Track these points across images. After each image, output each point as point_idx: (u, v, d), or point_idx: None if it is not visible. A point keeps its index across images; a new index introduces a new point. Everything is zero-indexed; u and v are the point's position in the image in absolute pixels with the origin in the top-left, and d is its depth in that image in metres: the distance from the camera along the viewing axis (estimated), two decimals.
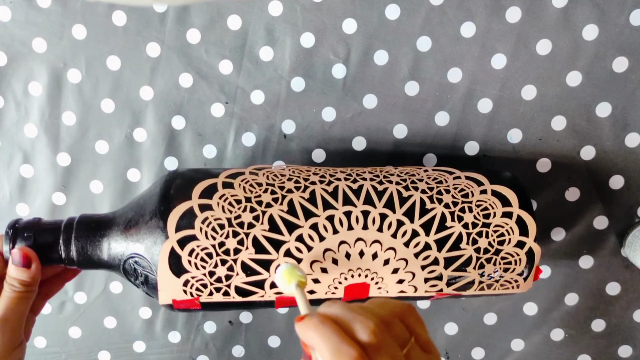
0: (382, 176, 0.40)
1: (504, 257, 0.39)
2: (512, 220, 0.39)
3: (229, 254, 0.36)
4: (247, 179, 0.38)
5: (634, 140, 0.46)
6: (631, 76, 0.44)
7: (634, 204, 0.47)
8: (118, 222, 0.38)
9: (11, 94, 0.47)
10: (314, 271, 0.37)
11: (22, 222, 0.38)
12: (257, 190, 0.38)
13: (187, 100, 0.47)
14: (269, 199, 0.37)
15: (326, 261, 0.37)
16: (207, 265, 0.36)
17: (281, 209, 0.37)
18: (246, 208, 0.37)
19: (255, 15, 0.45)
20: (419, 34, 0.44)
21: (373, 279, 0.38)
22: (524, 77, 0.45)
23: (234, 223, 0.36)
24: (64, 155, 0.48)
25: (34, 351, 0.52)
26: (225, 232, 0.36)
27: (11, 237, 0.37)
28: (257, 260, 0.36)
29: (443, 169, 0.42)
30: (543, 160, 0.46)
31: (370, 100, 0.46)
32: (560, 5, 0.43)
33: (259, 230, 0.36)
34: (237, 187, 0.38)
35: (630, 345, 0.50)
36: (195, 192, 0.37)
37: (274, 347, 0.51)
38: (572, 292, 0.49)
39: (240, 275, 0.36)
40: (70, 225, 0.38)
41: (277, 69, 0.46)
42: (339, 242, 0.37)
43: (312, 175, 0.40)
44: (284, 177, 0.39)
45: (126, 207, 0.39)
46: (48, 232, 0.37)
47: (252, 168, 0.40)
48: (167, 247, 0.35)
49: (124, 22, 0.45)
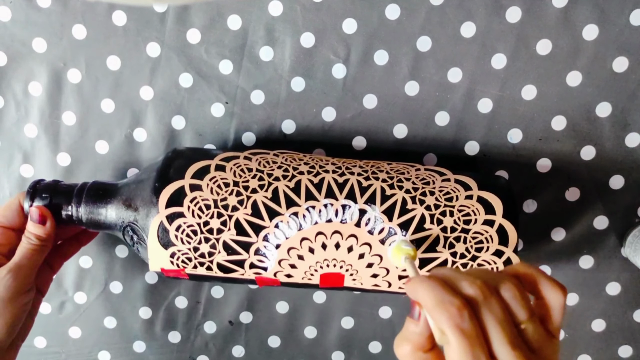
0: (370, 172, 0.41)
1: (481, 263, 0.39)
2: (493, 229, 0.39)
3: (212, 232, 0.39)
4: (239, 163, 0.40)
5: (634, 140, 0.46)
6: (631, 76, 0.44)
7: (634, 204, 0.47)
8: (121, 192, 0.41)
9: (11, 94, 0.47)
10: (290, 257, 0.39)
11: (43, 183, 0.42)
12: (246, 175, 0.40)
13: (187, 100, 0.47)
14: (256, 184, 0.39)
15: (303, 249, 0.39)
16: (192, 241, 0.39)
17: (265, 195, 0.39)
18: (233, 192, 0.39)
19: (255, 15, 0.45)
20: (419, 34, 0.44)
21: (348, 270, 0.40)
22: (524, 77, 0.45)
23: (220, 205, 0.39)
24: (64, 155, 0.48)
25: (34, 351, 0.52)
26: (211, 213, 0.38)
27: (30, 196, 0.41)
28: (237, 242, 0.39)
29: (435, 169, 0.42)
30: (543, 160, 0.46)
31: (370, 100, 0.46)
32: (560, 5, 0.43)
33: (242, 214, 0.38)
34: (228, 170, 0.40)
35: (630, 345, 0.50)
36: (188, 172, 0.39)
37: (274, 347, 0.51)
38: (572, 292, 0.49)
39: (222, 253, 0.39)
40: (82, 190, 0.42)
41: (277, 69, 0.46)
42: (316, 232, 0.39)
43: (302, 165, 0.41)
44: (275, 165, 0.40)
45: (131, 178, 0.42)
46: (63, 194, 0.42)
47: (247, 152, 0.42)
48: (157, 221, 0.39)
49: (124, 22, 0.45)
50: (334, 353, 0.51)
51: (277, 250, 0.39)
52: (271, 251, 0.39)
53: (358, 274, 0.40)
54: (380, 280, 0.40)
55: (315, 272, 0.40)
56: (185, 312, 0.51)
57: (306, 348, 0.51)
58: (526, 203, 0.47)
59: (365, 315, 0.50)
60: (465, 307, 0.27)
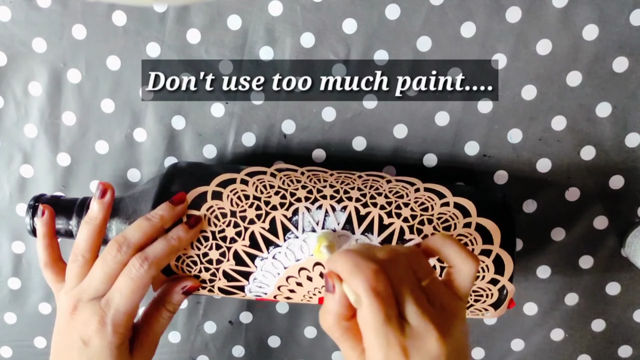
0: (369, 196, 0.40)
1: (476, 290, 0.39)
2: (490, 259, 0.39)
3: (212, 262, 0.39)
4: (235, 189, 0.39)
5: (634, 140, 0.46)
6: (631, 76, 0.44)
7: (634, 204, 0.47)
8: (121, 207, 0.41)
9: (11, 94, 0.47)
10: (289, 283, 0.40)
11: (43, 198, 0.42)
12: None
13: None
14: (253, 215, 0.39)
15: (301, 277, 0.39)
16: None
17: (263, 226, 0.39)
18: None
19: (255, 15, 0.45)
20: (419, 34, 0.44)
21: None
22: (524, 77, 0.45)
23: (218, 236, 0.39)
24: (64, 155, 0.48)
25: (34, 351, 0.52)
26: (209, 245, 0.39)
27: (32, 212, 0.42)
28: (236, 271, 0.39)
29: (434, 189, 0.41)
30: (543, 160, 0.46)
31: (370, 100, 0.46)
32: (560, 5, 0.43)
33: (240, 245, 0.39)
34: (221, 202, 0.39)
35: (630, 345, 0.50)
36: (188, 197, 0.39)
37: (274, 347, 0.51)
38: (572, 292, 0.49)
39: (222, 280, 0.40)
40: (83, 205, 0.42)
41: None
42: (314, 263, 0.39)
43: (300, 189, 0.40)
44: (272, 190, 0.40)
45: (130, 193, 0.42)
46: (63, 210, 0.42)
47: (244, 174, 0.41)
48: None
49: (124, 22, 0.45)
50: (334, 353, 0.51)
51: (275, 278, 0.40)
52: (269, 279, 0.40)
53: None
54: None
55: (314, 295, 0.41)
56: (185, 312, 0.51)
57: (306, 348, 0.51)
58: (526, 203, 0.47)
59: None
60: (380, 270, 0.29)
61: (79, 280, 0.37)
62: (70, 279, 0.38)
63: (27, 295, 0.51)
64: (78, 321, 0.37)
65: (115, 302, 0.36)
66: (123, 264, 0.36)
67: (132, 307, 0.37)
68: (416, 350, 0.29)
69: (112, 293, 0.36)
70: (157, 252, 0.37)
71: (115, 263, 0.36)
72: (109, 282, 0.37)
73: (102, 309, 0.36)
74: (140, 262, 0.36)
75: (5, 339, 0.52)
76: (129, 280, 0.36)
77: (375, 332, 0.29)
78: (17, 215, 0.50)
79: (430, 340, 0.29)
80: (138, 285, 0.36)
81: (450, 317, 0.31)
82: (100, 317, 0.36)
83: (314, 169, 0.43)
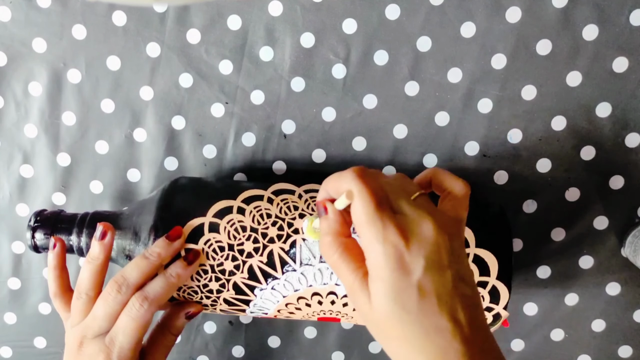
0: None
1: None
2: (485, 290, 0.39)
3: (213, 293, 0.39)
4: (232, 219, 0.39)
5: (634, 140, 0.46)
6: (631, 76, 0.44)
7: (634, 204, 0.47)
8: (123, 223, 0.41)
9: (11, 94, 0.47)
10: (288, 308, 0.41)
11: (45, 214, 0.42)
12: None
13: (187, 100, 0.47)
14: (251, 248, 0.39)
15: (300, 304, 0.40)
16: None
17: (261, 260, 0.39)
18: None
19: (255, 15, 0.45)
20: (419, 34, 0.44)
21: (344, 317, 0.41)
22: (524, 77, 0.45)
23: (217, 269, 0.39)
24: (64, 155, 0.48)
25: (34, 351, 0.52)
26: (209, 277, 0.39)
27: (32, 230, 0.42)
28: (236, 298, 0.40)
29: None
30: (543, 160, 0.46)
31: (370, 100, 0.46)
32: (560, 5, 0.43)
33: (239, 278, 0.39)
34: (218, 234, 0.39)
35: (630, 345, 0.50)
36: (185, 231, 0.39)
37: (274, 347, 0.51)
38: (572, 292, 0.49)
39: (222, 305, 0.41)
40: (84, 220, 0.42)
41: (277, 69, 0.46)
42: (312, 293, 0.39)
43: (298, 218, 0.40)
44: (269, 220, 0.39)
45: (130, 209, 0.42)
46: (64, 225, 0.42)
47: (240, 200, 0.40)
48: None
49: (124, 22, 0.45)
50: (334, 353, 0.51)
51: (275, 305, 0.40)
52: (269, 304, 0.40)
53: (354, 319, 0.42)
54: None
55: (313, 316, 0.41)
56: None
57: (306, 348, 0.51)
58: (526, 203, 0.47)
59: None
60: (365, 168, 0.31)
61: (83, 316, 0.39)
62: (75, 314, 0.39)
63: (27, 295, 0.51)
64: (85, 356, 0.38)
65: (119, 340, 0.37)
66: (123, 304, 0.37)
67: (135, 343, 0.38)
68: (414, 236, 0.29)
69: (115, 332, 0.37)
70: (156, 290, 0.38)
71: (116, 303, 0.37)
72: (111, 320, 0.38)
73: (107, 346, 0.37)
74: (140, 301, 0.37)
75: (5, 339, 0.52)
76: (130, 320, 0.37)
77: (368, 219, 0.29)
78: (17, 215, 0.50)
79: (427, 226, 0.30)
80: (139, 324, 0.37)
81: (445, 218, 0.31)
82: (106, 355, 0.37)
83: (312, 188, 0.42)
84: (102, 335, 0.38)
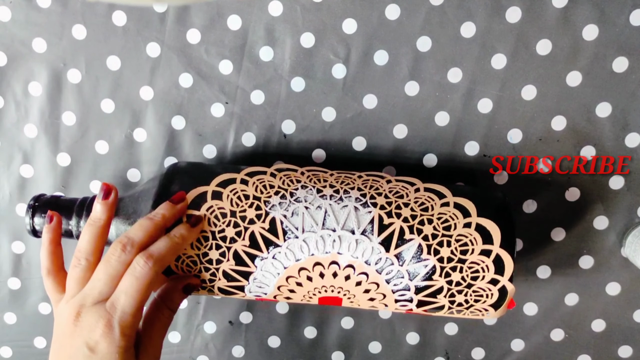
0: (368, 196, 0.40)
1: (476, 290, 0.39)
2: (490, 259, 0.39)
3: (212, 263, 0.39)
4: (235, 189, 0.39)
5: (634, 140, 0.46)
6: (631, 76, 0.44)
7: (634, 204, 0.47)
8: (121, 207, 0.41)
9: (11, 94, 0.47)
10: (289, 283, 0.40)
11: (43, 198, 0.42)
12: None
13: (187, 100, 0.47)
14: (253, 214, 0.39)
15: (301, 277, 0.39)
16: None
17: (263, 226, 0.39)
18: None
19: (255, 15, 0.45)
20: (419, 34, 0.44)
21: (345, 294, 0.41)
22: (524, 77, 0.45)
23: (218, 236, 0.39)
24: (64, 155, 0.48)
25: (34, 351, 0.52)
26: (209, 244, 0.39)
27: (32, 212, 0.42)
28: (236, 271, 0.39)
29: (434, 189, 0.41)
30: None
31: (370, 100, 0.46)
32: (560, 5, 0.43)
33: (240, 245, 0.39)
34: (221, 201, 0.39)
35: (630, 345, 0.50)
36: (188, 197, 0.39)
37: (274, 347, 0.51)
38: (572, 292, 0.49)
39: (222, 280, 0.40)
40: (83, 205, 0.42)
41: (277, 69, 0.46)
42: (314, 263, 0.39)
43: (300, 188, 0.40)
44: (272, 190, 0.40)
45: (129, 193, 0.42)
46: (63, 209, 0.42)
47: (244, 174, 0.41)
48: None
49: (124, 22, 0.45)
50: (334, 353, 0.51)
51: (275, 278, 0.40)
52: (269, 279, 0.40)
53: (355, 298, 0.41)
54: (377, 303, 0.41)
55: (314, 295, 0.41)
56: (185, 312, 0.51)
57: (306, 348, 0.51)
58: (526, 203, 0.47)
59: (365, 315, 0.50)
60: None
61: (82, 286, 0.37)
62: (72, 285, 0.37)
63: (27, 295, 0.51)
64: (82, 327, 0.35)
65: (121, 303, 0.35)
66: (127, 264, 0.36)
67: (138, 307, 0.36)
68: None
69: (117, 295, 0.35)
70: (160, 249, 0.36)
71: (119, 264, 0.36)
72: (113, 283, 0.36)
73: (107, 311, 0.35)
74: (145, 259, 0.36)
75: (5, 339, 0.52)
76: (134, 280, 0.35)
77: None
78: (17, 215, 0.50)
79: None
80: (143, 283, 0.35)
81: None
82: (107, 321, 0.35)
83: (313, 169, 0.43)
84: (102, 301, 0.35)
